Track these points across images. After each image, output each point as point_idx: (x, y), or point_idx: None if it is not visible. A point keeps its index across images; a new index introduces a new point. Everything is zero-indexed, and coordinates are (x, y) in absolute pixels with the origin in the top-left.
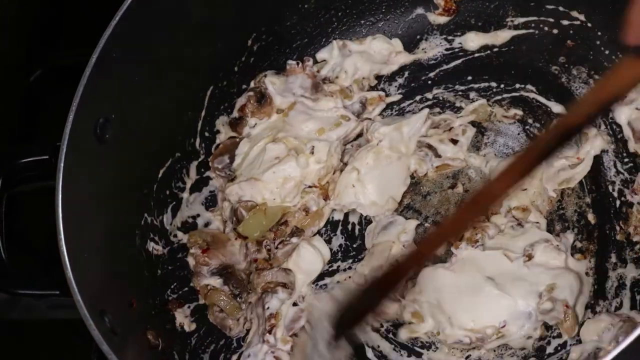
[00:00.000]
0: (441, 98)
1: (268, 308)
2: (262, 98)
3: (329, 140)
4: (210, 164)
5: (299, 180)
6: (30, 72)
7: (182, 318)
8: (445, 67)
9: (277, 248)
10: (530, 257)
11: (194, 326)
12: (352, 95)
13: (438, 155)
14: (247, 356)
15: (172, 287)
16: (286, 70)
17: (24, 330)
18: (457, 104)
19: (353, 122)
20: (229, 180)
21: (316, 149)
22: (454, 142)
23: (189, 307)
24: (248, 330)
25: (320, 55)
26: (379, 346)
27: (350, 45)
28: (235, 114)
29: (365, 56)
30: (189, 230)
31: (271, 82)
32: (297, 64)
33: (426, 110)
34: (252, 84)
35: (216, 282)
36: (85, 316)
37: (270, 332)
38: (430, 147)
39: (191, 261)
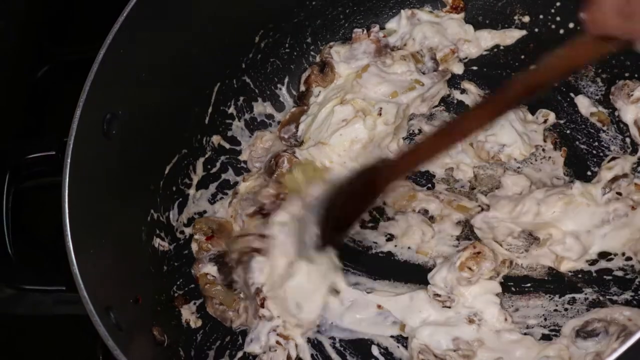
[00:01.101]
0: (445, 96)
1: (253, 284)
2: (324, 67)
3: (398, 102)
4: (277, 134)
5: (366, 142)
6: (37, 68)
7: (188, 314)
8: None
9: None
10: None
11: (199, 322)
12: (423, 59)
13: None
14: (249, 341)
15: (178, 283)
16: (352, 39)
17: (29, 326)
18: (465, 104)
19: (427, 86)
20: (296, 147)
21: (384, 111)
22: None
23: (194, 303)
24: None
25: (389, 25)
26: (384, 343)
27: (420, 14)
28: (302, 87)
29: (436, 27)
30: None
31: (336, 52)
32: (363, 31)
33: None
34: (317, 58)
35: (212, 269)
36: (91, 312)
37: (262, 305)
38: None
39: (194, 247)
